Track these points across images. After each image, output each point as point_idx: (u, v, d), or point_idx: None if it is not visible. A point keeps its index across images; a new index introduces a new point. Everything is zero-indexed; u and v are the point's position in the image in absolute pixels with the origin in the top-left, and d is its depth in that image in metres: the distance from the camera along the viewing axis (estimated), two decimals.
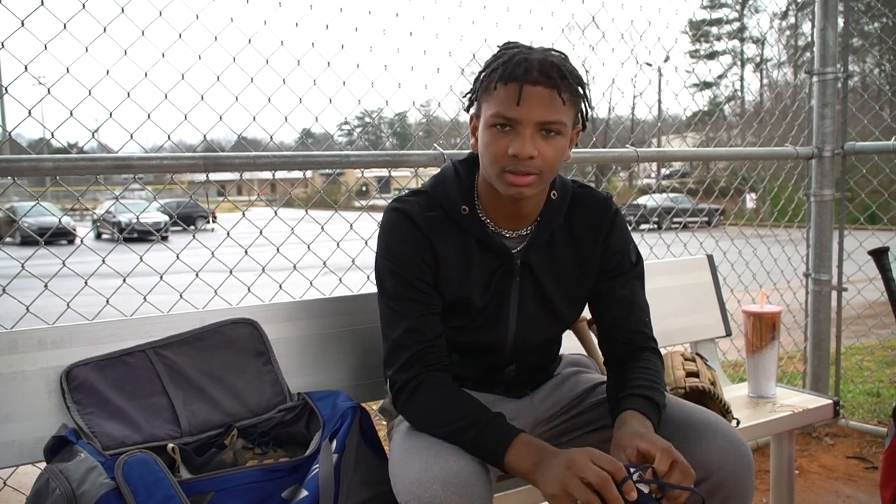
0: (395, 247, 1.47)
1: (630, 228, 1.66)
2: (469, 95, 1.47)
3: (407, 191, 1.59)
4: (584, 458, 1.19)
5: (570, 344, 1.82)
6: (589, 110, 1.43)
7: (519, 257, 1.50)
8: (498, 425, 1.34)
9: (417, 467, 1.29)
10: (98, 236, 19.05)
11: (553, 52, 1.38)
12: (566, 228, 1.54)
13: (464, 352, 1.56)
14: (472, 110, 1.46)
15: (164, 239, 2.18)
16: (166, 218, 14.27)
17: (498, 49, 1.43)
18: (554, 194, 1.52)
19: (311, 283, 2.29)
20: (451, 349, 1.54)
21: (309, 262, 2.27)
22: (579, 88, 1.37)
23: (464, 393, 1.42)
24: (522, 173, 1.35)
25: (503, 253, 1.49)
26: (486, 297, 1.50)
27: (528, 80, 1.31)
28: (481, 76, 1.41)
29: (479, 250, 1.49)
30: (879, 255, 2.02)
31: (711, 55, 33.52)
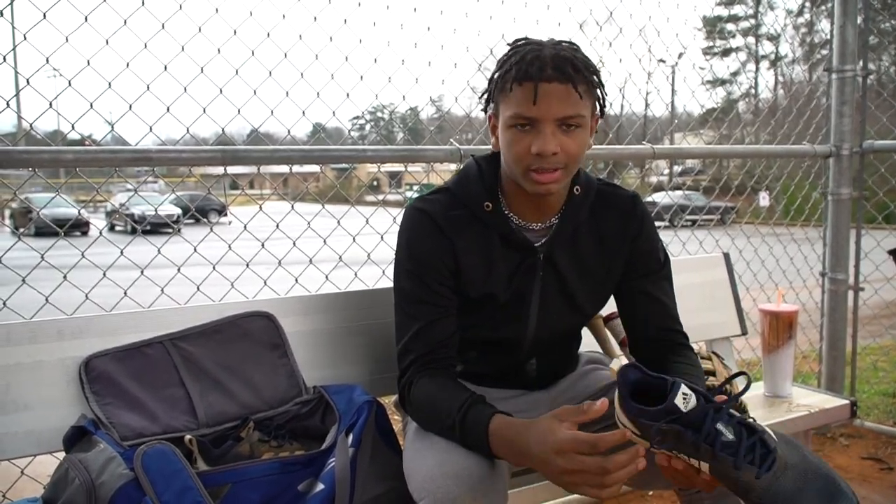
0: (414, 247, 1.46)
1: None
2: (485, 96, 1.45)
3: (420, 186, 1.60)
4: (569, 449, 1.16)
5: (584, 340, 1.82)
6: (605, 97, 1.42)
7: (542, 251, 1.49)
8: (472, 420, 1.30)
9: (431, 463, 1.30)
10: (111, 228, 19.17)
11: (564, 45, 1.37)
12: (592, 226, 1.53)
13: (483, 348, 1.56)
14: (490, 110, 1.45)
15: (178, 232, 2.20)
16: (179, 210, 14.34)
17: (509, 47, 1.42)
18: (577, 189, 1.51)
19: (326, 276, 2.29)
20: (470, 346, 1.54)
21: (324, 256, 2.27)
22: (594, 78, 1.37)
23: (449, 386, 1.40)
24: (548, 170, 1.35)
25: (526, 247, 1.48)
26: (509, 292, 1.49)
27: (542, 77, 1.30)
28: (495, 76, 1.40)
29: (502, 246, 1.48)
30: None
31: (726, 52, 33.31)
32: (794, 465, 1.13)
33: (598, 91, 1.39)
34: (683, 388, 1.15)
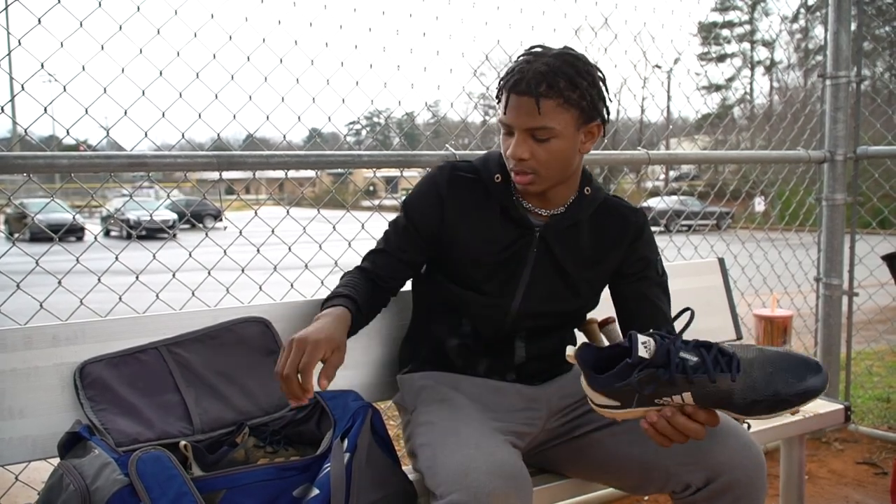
0: (412, 196, 1.64)
1: None
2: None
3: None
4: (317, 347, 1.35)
5: None
6: (600, 107, 1.50)
7: (538, 231, 1.58)
8: (333, 298, 1.54)
9: (460, 458, 1.34)
10: (107, 234, 19.10)
11: (563, 58, 1.45)
12: (595, 222, 1.63)
13: (473, 314, 1.62)
14: None
15: (174, 237, 2.19)
16: (175, 216, 14.30)
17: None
18: (587, 190, 1.62)
19: (322, 282, 2.29)
20: (461, 313, 1.62)
21: (320, 261, 2.27)
22: (573, 94, 1.43)
23: (356, 277, 1.62)
24: (519, 173, 1.49)
25: (525, 225, 1.58)
26: (501, 256, 1.58)
27: (514, 90, 1.43)
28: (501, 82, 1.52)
29: (502, 217, 1.59)
30: (893, 260, 2.01)
31: (722, 57, 33.42)
32: (756, 359, 1.24)
33: (583, 103, 1.45)
34: (641, 338, 1.25)
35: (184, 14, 1.96)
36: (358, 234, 2.30)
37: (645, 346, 1.24)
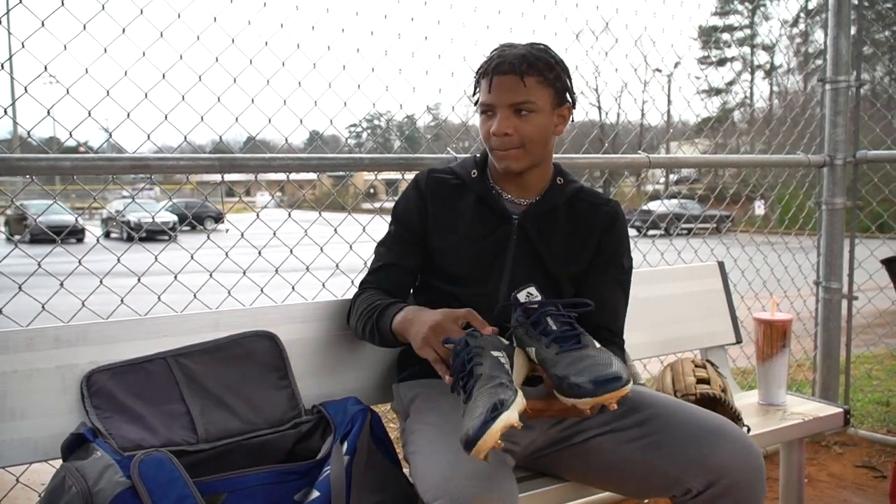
0: (399, 205, 1.74)
1: (640, 234, 1.72)
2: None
3: None
4: (446, 320, 1.41)
5: None
6: (568, 89, 1.62)
7: (517, 220, 1.66)
8: (389, 307, 1.57)
9: (445, 465, 1.34)
10: (106, 235, 19.06)
11: (535, 47, 1.59)
12: (570, 209, 1.69)
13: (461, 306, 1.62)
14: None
15: (175, 239, 2.19)
16: (175, 218, 14.28)
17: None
18: (560, 180, 1.71)
19: (323, 284, 2.30)
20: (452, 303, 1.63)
21: (321, 264, 2.27)
22: (549, 74, 1.57)
23: (377, 293, 1.66)
24: (504, 149, 1.58)
25: (503, 215, 1.67)
26: (481, 248, 1.65)
27: (497, 71, 1.56)
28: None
29: (479, 207, 1.68)
30: (892, 264, 2.02)
31: (722, 61, 33.41)
32: (585, 355, 1.30)
33: (557, 84, 1.58)
34: (530, 290, 1.46)
35: (187, 17, 1.97)
36: (359, 236, 2.31)
37: (529, 296, 1.46)
